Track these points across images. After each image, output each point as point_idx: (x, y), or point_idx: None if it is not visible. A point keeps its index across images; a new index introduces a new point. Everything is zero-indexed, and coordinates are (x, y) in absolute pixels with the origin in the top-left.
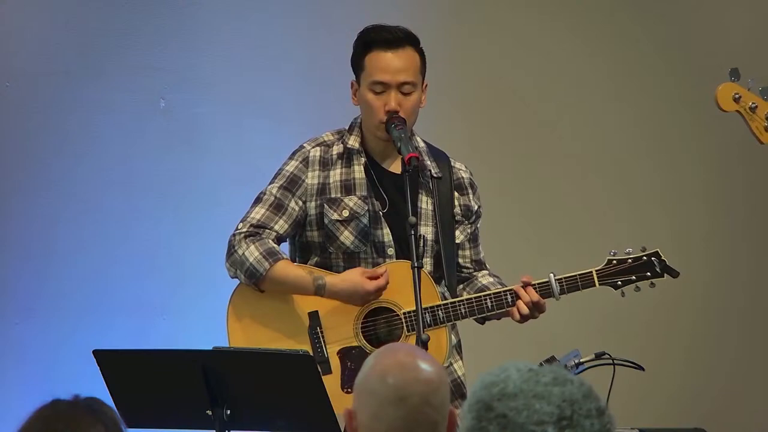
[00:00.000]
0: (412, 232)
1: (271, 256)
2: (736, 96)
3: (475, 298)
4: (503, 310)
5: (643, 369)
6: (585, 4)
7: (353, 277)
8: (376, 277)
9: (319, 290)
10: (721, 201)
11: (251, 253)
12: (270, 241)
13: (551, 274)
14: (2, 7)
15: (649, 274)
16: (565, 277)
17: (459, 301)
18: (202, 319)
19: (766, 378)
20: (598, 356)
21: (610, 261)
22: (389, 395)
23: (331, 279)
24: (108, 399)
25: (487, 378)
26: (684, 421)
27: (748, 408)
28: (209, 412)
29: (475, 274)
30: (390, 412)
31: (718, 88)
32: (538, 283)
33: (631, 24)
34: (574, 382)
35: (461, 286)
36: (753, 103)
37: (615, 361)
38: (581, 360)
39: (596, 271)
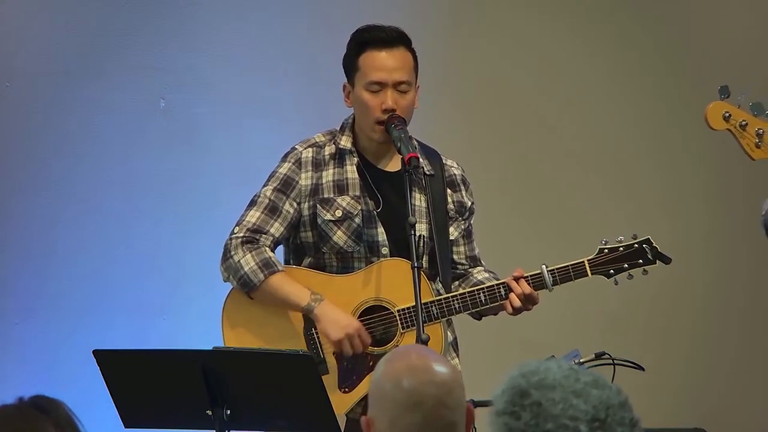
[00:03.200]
0: (412, 233)
1: (267, 267)
2: (726, 114)
3: (468, 292)
4: (497, 303)
5: (643, 369)
6: (585, 4)
7: (348, 315)
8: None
9: (313, 302)
10: (721, 201)
11: (247, 261)
12: (267, 249)
13: (543, 266)
14: (2, 7)
15: (641, 261)
16: (557, 268)
17: (452, 296)
18: (202, 319)
19: (766, 378)
20: (598, 356)
21: (601, 250)
22: (404, 401)
23: (326, 303)
24: (108, 399)
25: (526, 367)
26: (684, 421)
27: (748, 408)
28: (209, 412)
29: (470, 270)
30: (406, 417)
31: (707, 107)
32: (531, 275)
33: (631, 24)
34: (613, 389)
35: (456, 283)
36: (743, 120)
37: (615, 361)
38: (581, 360)
39: (588, 260)
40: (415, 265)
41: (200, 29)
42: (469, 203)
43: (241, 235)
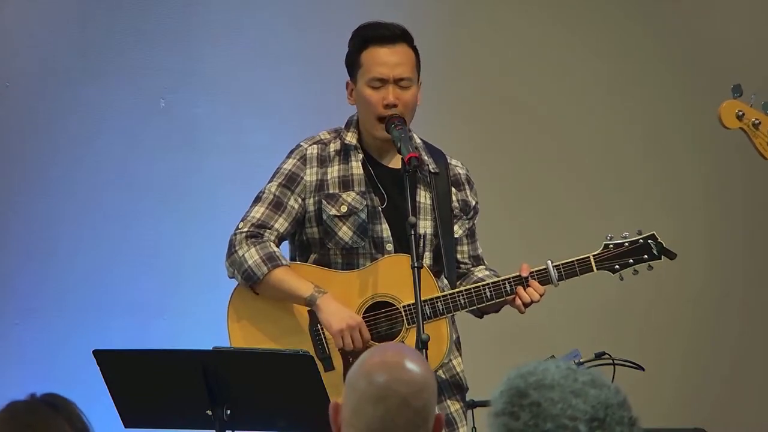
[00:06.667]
0: (412, 233)
1: (271, 261)
2: (740, 113)
3: (474, 288)
4: (502, 299)
5: (642, 369)
6: (585, 5)
7: (347, 309)
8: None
9: (316, 293)
10: (720, 200)
11: (251, 255)
12: (271, 244)
13: (549, 262)
14: (3, 7)
15: (646, 256)
16: (562, 264)
17: (458, 292)
18: (202, 319)
19: (766, 378)
20: (598, 356)
21: (606, 246)
22: (370, 393)
23: (329, 296)
24: (108, 399)
25: (524, 368)
26: (684, 421)
27: (748, 408)
28: (209, 412)
29: (472, 269)
30: (369, 410)
31: (721, 105)
32: (536, 271)
33: (632, 24)
34: (611, 388)
35: (458, 282)
36: (756, 119)
37: (615, 361)
38: (581, 360)
39: (593, 256)
40: (415, 265)
41: (200, 29)
42: (474, 203)
43: (246, 230)
